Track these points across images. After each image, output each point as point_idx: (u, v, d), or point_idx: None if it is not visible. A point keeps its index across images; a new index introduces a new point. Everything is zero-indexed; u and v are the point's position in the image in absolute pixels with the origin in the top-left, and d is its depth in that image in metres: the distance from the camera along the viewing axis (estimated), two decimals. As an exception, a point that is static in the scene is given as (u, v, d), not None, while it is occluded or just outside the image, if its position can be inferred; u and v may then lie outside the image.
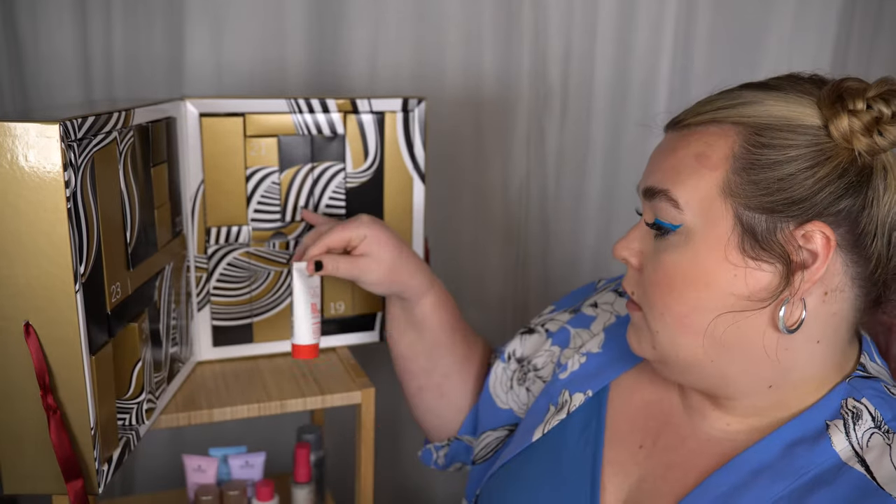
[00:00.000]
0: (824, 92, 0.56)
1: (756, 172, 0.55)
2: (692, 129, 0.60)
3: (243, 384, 0.89)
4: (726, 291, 0.56)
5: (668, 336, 0.60)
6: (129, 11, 1.15)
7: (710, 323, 0.57)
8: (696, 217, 0.57)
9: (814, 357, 0.58)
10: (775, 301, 0.55)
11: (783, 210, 0.54)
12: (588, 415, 0.71)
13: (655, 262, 0.60)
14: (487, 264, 1.44)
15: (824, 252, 0.54)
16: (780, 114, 0.56)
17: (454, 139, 1.35)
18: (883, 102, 0.54)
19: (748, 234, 0.55)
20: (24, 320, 0.60)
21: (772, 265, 0.55)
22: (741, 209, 0.55)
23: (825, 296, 0.56)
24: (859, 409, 0.57)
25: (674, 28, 1.39)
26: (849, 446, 0.56)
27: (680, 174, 0.58)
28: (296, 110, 0.89)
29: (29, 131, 0.57)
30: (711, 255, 0.56)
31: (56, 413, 0.61)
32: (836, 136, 0.54)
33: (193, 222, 0.89)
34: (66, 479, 0.62)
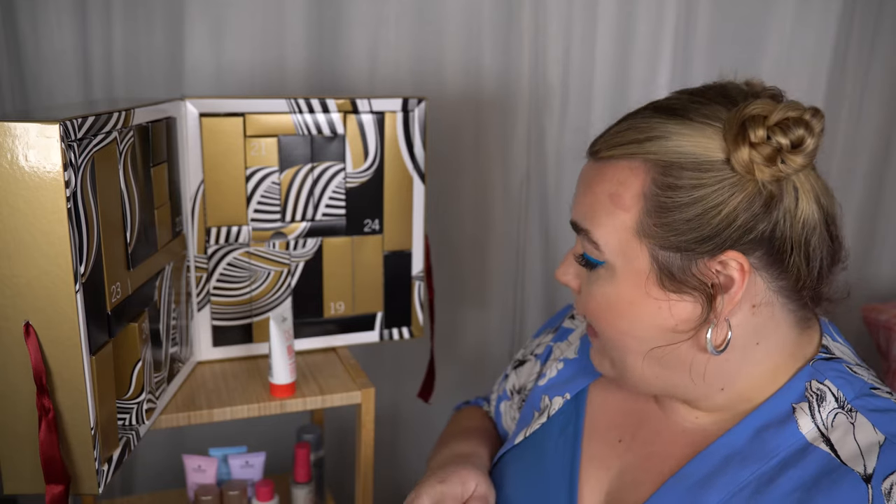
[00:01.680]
0: (727, 121, 0.56)
1: (665, 215, 0.56)
2: (606, 163, 0.61)
3: (243, 384, 0.89)
4: (652, 324, 0.58)
5: (617, 358, 0.63)
6: (129, 11, 1.15)
7: (647, 350, 0.60)
8: (616, 257, 0.59)
9: (758, 357, 0.60)
10: (701, 326, 0.57)
11: (695, 248, 0.56)
12: (567, 416, 0.72)
13: (587, 292, 0.62)
14: (487, 264, 1.44)
15: (740, 278, 0.56)
16: (686, 150, 0.56)
17: (454, 139, 1.35)
18: (781, 133, 0.54)
19: (665, 272, 0.57)
20: (25, 320, 0.60)
21: (692, 296, 0.57)
22: (656, 249, 0.57)
23: (753, 308, 0.58)
24: (822, 390, 0.59)
25: (674, 28, 1.39)
26: (814, 428, 0.58)
27: (597, 215, 0.60)
28: (296, 110, 0.89)
29: (29, 131, 0.57)
30: (633, 291, 0.59)
31: (49, 414, 0.61)
32: (739, 170, 0.55)
33: (193, 222, 0.89)
34: (46, 481, 0.62)
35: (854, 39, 1.50)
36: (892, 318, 1.43)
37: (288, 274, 0.94)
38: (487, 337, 1.50)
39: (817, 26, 1.46)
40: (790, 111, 0.54)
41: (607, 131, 0.62)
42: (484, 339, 1.50)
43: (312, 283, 0.95)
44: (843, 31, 1.48)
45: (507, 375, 0.87)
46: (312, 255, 0.94)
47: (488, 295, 1.46)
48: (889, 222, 1.63)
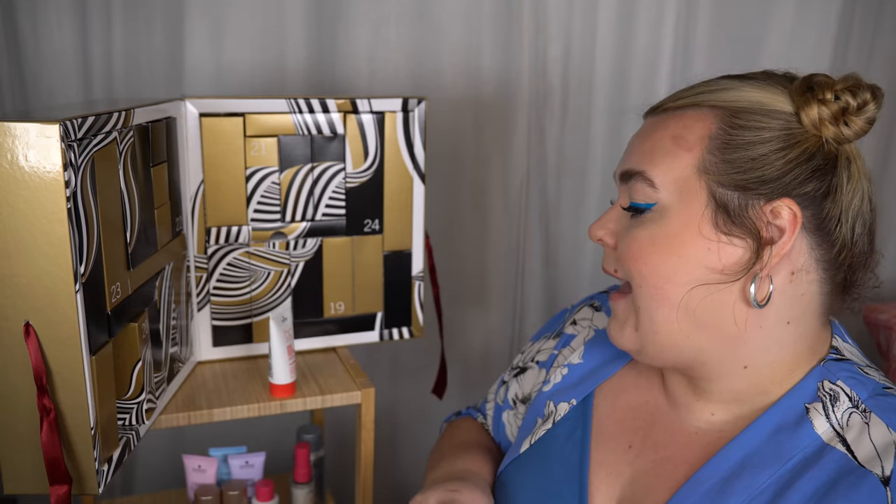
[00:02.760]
0: (796, 83, 0.59)
1: (731, 152, 0.58)
2: (670, 114, 0.62)
3: (243, 384, 0.89)
4: (700, 264, 0.58)
5: (646, 309, 0.61)
6: (129, 11, 1.15)
7: (684, 295, 0.59)
8: (671, 195, 0.60)
9: (785, 338, 0.60)
10: (746, 275, 0.58)
11: (755, 188, 0.57)
12: (574, 422, 0.71)
13: (629, 237, 0.62)
14: (488, 264, 1.44)
15: (791, 227, 0.57)
16: (756, 99, 0.59)
17: (454, 139, 1.35)
18: (850, 94, 0.57)
19: (721, 210, 0.58)
20: (25, 320, 0.60)
21: (743, 240, 0.57)
22: (715, 186, 0.58)
23: (792, 275, 0.58)
24: (836, 390, 0.59)
25: (674, 28, 1.39)
26: (829, 428, 0.58)
27: (655, 155, 0.61)
28: (295, 110, 0.89)
29: (29, 131, 0.57)
30: (686, 230, 0.59)
31: (50, 415, 0.61)
32: (806, 123, 0.57)
33: (193, 222, 0.89)
34: (50, 482, 0.62)
35: (854, 39, 1.50)
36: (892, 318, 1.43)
37: (288, 274, 0.94)
38: (487, 337, 1.50)
39: (817, 26, 1.46)
40: (856, 78, 0.58)
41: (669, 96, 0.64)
42: (484, 339, 1.50)
43: (312, 283, 0.95)
44: (843, 31, 1.48)
45: (503, 382, 0.86)
46: (312, 255, 0.94)
47: (488, 295, 1.46)
48: (889, 222, 1.63)
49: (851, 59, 1.50)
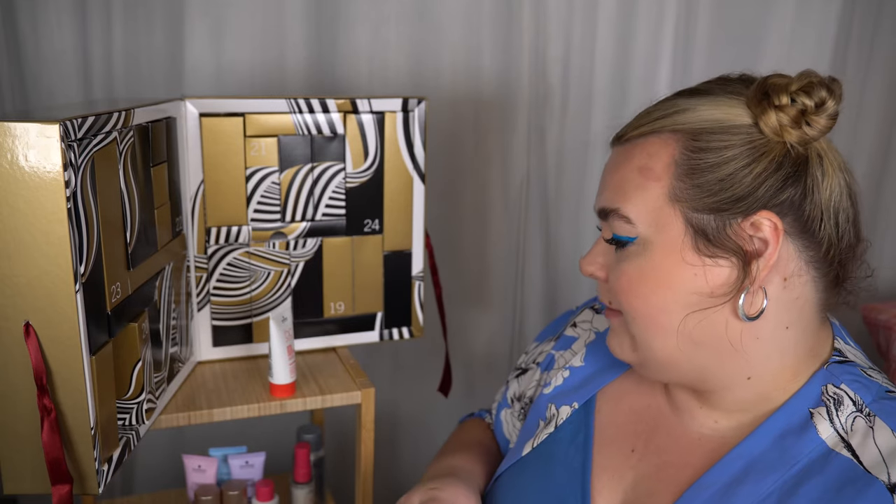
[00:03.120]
0: (750, 91, 0.58)
1: (697, 176, 0.57)
2: (633, 143, 0.62)
3: (243, 384, 0.89)
4: (688, 291, 0.58)
5: (643, 338, 0.61)
6: (129, 11, 1.15)
7: (679, 322, 0.59)
8: (649, 228, 0.59)
9: (786, 343, 0.60)
10: (736, 293, 0.57)
11: (729, 208, 0.57)
12: (576, 426, 0.71)
13: (617, 271, 0.62)
14: (488, 264, 1.44)
15: (774, 238, 0.56)
16: (713, 117, 0.58)
17: (454, 139, 1.35)
18: (805, 95, 0.56)
19: (700, 235, 0.57)
20: (25, 320, 0.60)
21: (728, 260, 0.57)
22: (689, 212, 0.58)
23: (784, 282, 0.58)
24: (840, 395, 0.59)
25: (674, 28, 1.39)
26: (834, 433, 0.57)
27: (626, 190, 0.60)
28: (295, 110, 0.89)
29: (29, 131, 0.57)
30: (669, 259, 0.58)
31: (51, 414, 0.61)
32: (767, 132, 0.57)
33: (193, 222, 0.89)
34: (52, 482, 0.62)
35: (854, 39, 1.50)
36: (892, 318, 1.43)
37: (288, 274, 0.94)
38: (487, 337, 1.50)
39: (817, 26, 1.46)
40: (810, 77, 0.57)
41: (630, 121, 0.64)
42: (484, 339, 1.50)
43: (312, 283, 0.95)
44: (843, 31, 1.48)
45: (507, 382, 0.87)
46: (312, 255, 0.94)
47: (488, 295, 1.46)
48: (889, 222, 1.63)
49: (851, 59, 1.51)
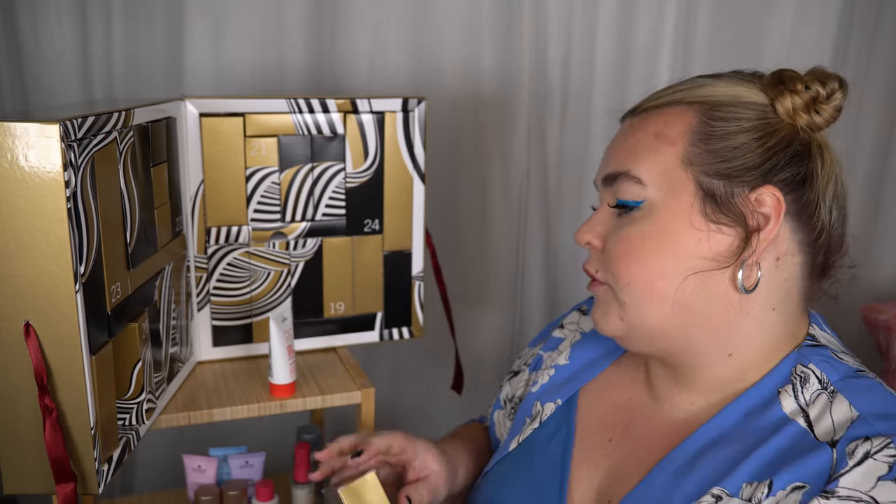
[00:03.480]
0: (767, 77, 0.63)
1: (713, 142, 0.60)
2: (650, 113, 0.64)
3: (243, 384, 0.89)
4: (693, 254, 0.60)
5: (635, 305, 0.62)
6: (129, 11, 1.15)
7: (677, 287, 0.60)
8: (659, 190, 0.61)
9: (770, 324, 0.62)
10: (735, 262, 0.60)
11: (739, 175, 0.59)
12: (559, 421, 0.73)
13: (618, 236, 0.63)
14: (488, 264, 1.44)
15: (776, 213, 0.59)
16: (732, 92, 0.61)
17: (455, 139, 1.35)
18: (819, 84, 0.61)
19: (709, 199, 0.59)
20: (25, 320, 0.60)
21: (732, 228, 0.59)
22: (701, 176, 0.60)
23: (777, 261, 0.61)
24: (806, 373, 0.61)
25: (674, 28, 1.39)
26: (797, 407, 0.59)
27: (639, 153, 0.62)
28: (295, 110, 0.89)
29: (29, 131, 0.57)
30: (677, 222, 0.60)
31: (52, 414, 0.61)
32: (781, 112, 0.60)
33: (193, 222, 0.89)
34: (56, 481, 0.62)
35: (854, 39, 1.50)
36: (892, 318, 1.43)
37: (288, 274, 0.94)
38: (488, 337, 1.50)
39: (817, 26, 1.46)
40: (823, 70, 0.62)
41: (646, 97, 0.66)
42: (484, 339, 1.50)
43: (312, 283, 0.95)
44: (843, 31, 1.48)
45: (502, 386, 0.88)
46: (312, 255, 0.94)
47: (488, 295, 1.46)
48: (889, 222, 1.63)
49: (851, 59, 1.51)
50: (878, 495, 0.52)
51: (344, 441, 0.76)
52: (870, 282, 1.65)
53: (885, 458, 0.53)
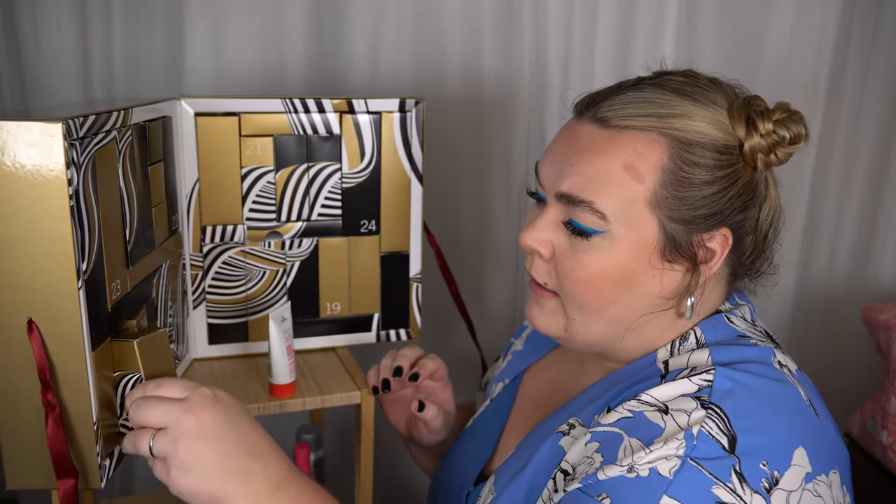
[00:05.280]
0: (735, 110, 0.61)
1: (682, 189, 0.59)
2: (617, 133, 0.61)
3: (242, 384, 0.90)
4: (647, 292, 0.62)
5: (583, 323, 0.65)
6: (129, 11, 1.15)
7: (627, 314, 0.63)
8: (622, 226, 0.60)
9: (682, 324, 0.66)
10: (683, 296, 0.63)
11: (701, 223, 0.60)
12: (503, 397, 0.81)
13: (575, 261, 0.62)
14: (487, 264, 1.44)
15: (722, 249, 0.61)
16: (705, 131, 0.60)
17: (454, 139, 1.35)
18: (784, 128, 0.60)
19: (669, 242, 0.61)
20: (27, 317, 0.60)
21: (682, 265, 0.61)
22: (665, 220, 0.60)
23: (709, 282, 0.64)
24: (688, 333, 0.64)
25: (674, 28, 1.39)
26: (666, 356, 0.63)
27: (605, 185, 0.60)
28: (291, 110, 0.89)
29: (32, 130, 0.57)
30: (636, 260, 0.61)
31: (55, 410, 0.62)
32: (746, 153, 0.60)
33: (189, 221, 0.89)
34: (57, 476, 0.62)
35: (854, 39, 1.49)
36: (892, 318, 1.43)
37: (283, 273, 0.94)
38: (487, 337, 1.50)
39: (817, 26, 1.46)
40: (788, 110, 0.61)
41: (610, 98, 0.63)
42: (483, 339, 1.50)
43: (308, 283, 0.95)
44: (844, 31, 1.48)
45: None
46: (308, 255, 0.95)
47: (488, 295, 1.46)
48: (889, 222, 1.63)
49: (851, 59, 1.51)
50: (672, 404, 0.55)
51: (402, 360, 0.82)
52: (870, 282, 1.65)
53: (699, 381, 0.56)
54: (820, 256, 1.60)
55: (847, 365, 1.66)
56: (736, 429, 0.53)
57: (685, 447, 0.52)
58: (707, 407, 0.54)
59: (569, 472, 0.58)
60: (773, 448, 0.54)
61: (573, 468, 0.58)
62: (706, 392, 0.55)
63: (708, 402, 0.54)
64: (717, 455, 0.52)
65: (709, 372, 0.57)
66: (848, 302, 1.62)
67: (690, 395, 0.55)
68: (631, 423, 0.56)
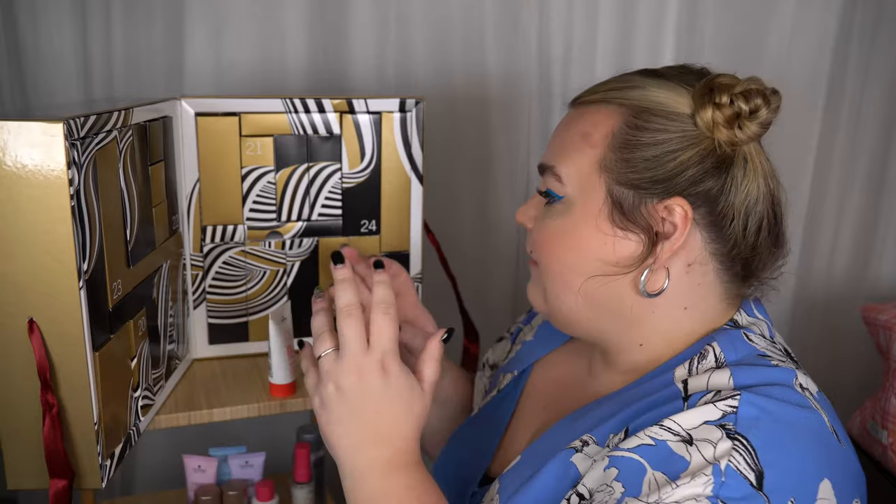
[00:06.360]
0: (699, 84, 0.61)
1: (628, 151, 0.60)
2: (585, 108, 0.65)
3: (243, 384, 0.90)
4: (596, 257, 0.62)
5: (552, 291, 0.66)
6: (129, 11, 1.15)
7: (582, 283, 0.63)
8: (575, 190, 0.63)
9: (681, 320, 0.64)
10: (639, 268, 0.61)
11: (648, 187, 0.60)
12: (510, 390, 0.79)
13: (541, 224, 0.66)
14: (489, 264, 1.44)
15: (682, 224, 0.60)
16: (658, 100, 0.61)
17: (456, 139, 1.35)
18: (743, 99, 0.59)
19: (616, 207, 0.61)
20: (28, 317, 0.60)
21: (637, 235, 0.61)
22: (612, 184, 0.61)
23: (688, 267, 0.62)
24: (707, 350, 0.62)
25: (674, 28, 1.39)
26: (685, 375, 0.61)
27: (565, 151, 0.64)
28: (291, 110, 0.89)
29: (33, 130, 0.57)
30: (585, 224, 0.62)
31: (53, 409, 0.62)
32: (701, 126, 0.60)
33: (189, 221, 0.89)
34: (50, 475, 0.62)
35: (854, 39, 1.50)
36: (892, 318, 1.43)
37: (284, 273, 0.94)
38: (487, 338, 1.50)
39: (817, 26, 1.47)
40: (752, 84, 0.60)
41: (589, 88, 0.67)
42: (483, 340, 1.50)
43: (308, 282, 0.95)
44: (844, 31, 1.48)
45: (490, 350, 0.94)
46: (308, 254, 0.95)
47: (489, 295, 1.46)
48: (889, 222, 1.63)
49: (852, 59, 1.51)
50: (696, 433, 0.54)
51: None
52: (870, 282, 1.65)
53: (723, 407, 0.54)
54: (820, 256, 1.61)
55: (847, 365, 1.66)
56: (763, 463, 0.52)
57: (713, 484, 0.51)
58: (733, 437, 0.53)
59: (585, 497, 0.57)
60: (800, 483, 0.53)
61: (590, 494, 0.56)
62: (731, 419, 0.54)
63: (734, 433, 0.53)
64: (745, 494, 0.51)
65: (734, 398, 0.55)
66: (848, 302, 1.62)
67: (715, 423, 0.54)
68: (654, 453, 0.54)
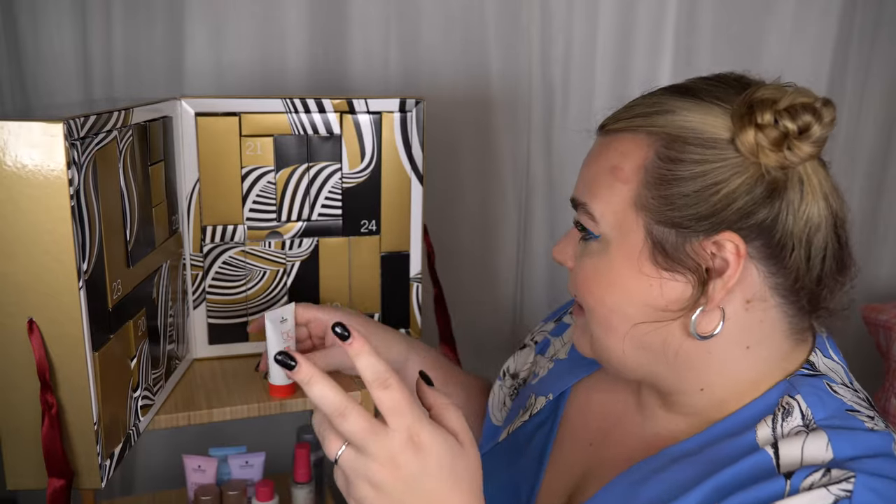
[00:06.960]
0: (738, 101, 0.54)
1: (664, 188, 0.55)
2: (612, 136, 0.60)
3: (243, 383, 0.89)
4: (642, 302, 0.57)
5: (598, 335, 0.60)
6: (129, 11, 1.15)
7: (629, 329, 0.58)
8: (611, 229, 0.58)
9: (744, 361, 0.58)
10: (690, 310, 0.55)
11: (691, 225, 0.54)
12: (546, 416, 0.72)
13: (579, 265, 0.61)
14: (490, 266, 1.44)
15: (735, 261, 0.54)
16: (691, 125, 0.55)
17: (456, 139, 1.35)
18: (789, 117, 0.52)
19: (658, 248, 0.55)
20: (28, 317, 0.60)
21: (684, 276, 0.55)
22: (651, 223, 0.55)
23: (748, 304, 0.56)
24: (791, 405, 0.56)
25: (674, 28, 1.39)
26: (770, 436, 0.55)
27: (595, 187, 0.59)
28: (291, 110, 0.89)
29: (33, 130, 0.57)
30: (626, 267, 0.57)
31: (52, 410, 0.61)
32: (744, 151, 0.53)
33: (189, 221, 0.89)
34: (48, 475, 0.62)
35: (854, 40, 1.50)
36: (892, 318, 1.43)
37: (283, 273, 0.94)
38: (488, 338, 1.50)
39: (817, 26, 1.46)
40: (800, 97, 0.53)
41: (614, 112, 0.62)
42: (484, 340, 1.50)
43: (308, 282, 0.95)
44: (844, 31, 1.48)
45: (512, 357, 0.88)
46: (308, 254, 0.95)
47: (489, 296, 1.46)
48: (889, 222, 1.63)
49: (852, 59, 1.51)
50: None
51: None
52: (870, 282, 1.65)
53: (837, 491, 0.48)
54: (820, 257, 1.60)
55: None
56: None
57: None
58: None
59: None
60: None
61: None
62: None
63: None
64: None
65: (848, 481, 0.48)
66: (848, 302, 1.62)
67: None
68: None
